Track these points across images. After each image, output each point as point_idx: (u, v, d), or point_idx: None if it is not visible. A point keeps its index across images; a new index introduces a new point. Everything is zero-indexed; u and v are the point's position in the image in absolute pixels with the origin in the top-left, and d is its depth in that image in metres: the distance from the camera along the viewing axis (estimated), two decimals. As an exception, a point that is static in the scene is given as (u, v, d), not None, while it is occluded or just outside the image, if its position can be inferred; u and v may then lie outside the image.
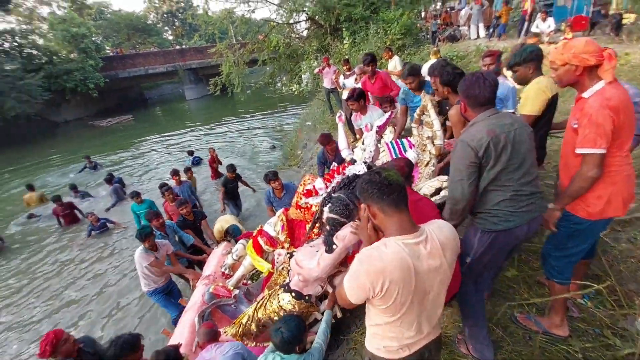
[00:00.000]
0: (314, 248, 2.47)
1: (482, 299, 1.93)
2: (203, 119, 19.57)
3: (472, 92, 1.64)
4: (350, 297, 1.20)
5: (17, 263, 6.26)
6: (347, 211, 2.39)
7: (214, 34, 13.68)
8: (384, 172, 1.20)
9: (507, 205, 1.62)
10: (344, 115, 3.63)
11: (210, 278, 3.42)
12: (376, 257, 1.14)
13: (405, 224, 1.18)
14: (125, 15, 40.38)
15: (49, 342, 2.43)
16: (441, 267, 1.20)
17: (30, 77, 19.64)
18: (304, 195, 2.99)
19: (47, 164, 14.01)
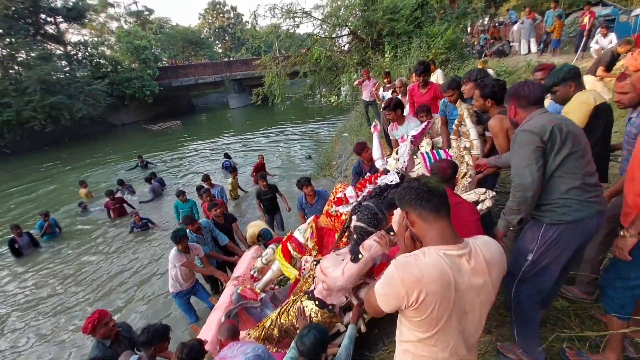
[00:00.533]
0: (340, 256, 2.40)
1: (538, 306, 1.81)
2: (244, 126, 20.45)
3: (523, 92, 1.69)
4: (381, 304, 1.13)
5: (67, 251, 6.82)
6: (375, 220, 2.37)
7: (260, 47, 14.35)
8: (424, 179, 1.16)
9: (577, 194, 1.53)
10: (379, 126, 3.60)
11: (240, 279, 3.47)
12: (413, 265, 1.06)
13: (446, 234, 1.11)
14: (182, 29, 43.84)
15: (93, 320, 2.63)
16: (485, 286, 1.10)
17: (97, 84, 21.90)
18: (335, 203, 3.00)
19: (104, 159, 15.40)
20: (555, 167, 1.55)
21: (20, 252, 6.64)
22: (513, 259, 1.77)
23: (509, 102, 1.77)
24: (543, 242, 1.61)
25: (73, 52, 24.13)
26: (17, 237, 6.62)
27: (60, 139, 20.61)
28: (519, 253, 1.73)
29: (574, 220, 1.54)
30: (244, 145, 15.07)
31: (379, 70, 10.21)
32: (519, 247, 1.75)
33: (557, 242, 1.59)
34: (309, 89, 13.92)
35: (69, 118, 20.02)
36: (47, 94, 19.08)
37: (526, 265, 1.67)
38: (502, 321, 2.17)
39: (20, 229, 6.68)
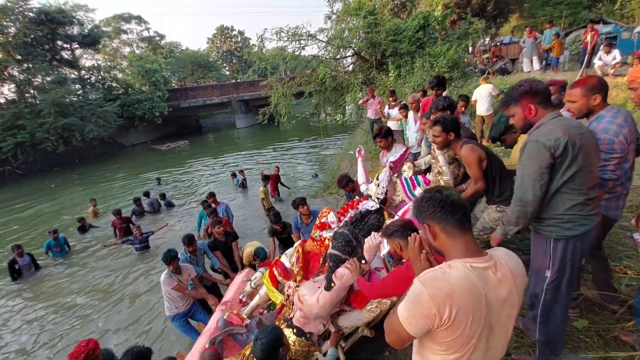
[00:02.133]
0: (317, 284, 2.43)
1: (568, 317, 1.78)
2: (250, 145, 20.68)
3: (539, 86, 1.60)
4: (409, 327, 1.01)
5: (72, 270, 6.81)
6: (349, 248, 2.38)
7: (266, 69, 14.75)
8: (445, 190, 1.10)
9: (580, 209, 1.52)
10: (363, 150, 3.62)
11: (228, 305, 3.42)
12: (441, 279, 0.99)
13: (471, 247, 1.06)
14: (191, 53, 45.38)
15: (87, 350, 2.46)
16: (510, 298, 1.04)
17: (108, 105, 22.52)
18: (319, 227, 3.01)
19: (112, 178, 15.65)
20: (562, 183, 1.51)
21: (20, 272, 6.54)
22: (533, 280, 1.73)
23: (522, 101, 1.61)
24: (556, 257, 1.60)
25: (87, 76, 25.03)
26: (18, 258, 6.56)
27: (71, 159, 21.04)
28: (537, 272, 1.70)
29: (579, 234, 1.55)
30: (251, 163, 15.20)
31: (383, 89, 10.38)
32: (534, 268, 1.73)
33: (567, 255, 1.59)
34: (314, 108, 14.14)
35: (80, 139, 20.51)
36: (61, 116, 19.68)
37: (547, 283, 1.64)
38: (521, 342, 2.08)
39: (21, 249, 6.63)
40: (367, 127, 8.97)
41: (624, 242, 2.72)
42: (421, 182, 3.10)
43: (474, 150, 2.25)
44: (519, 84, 1.65)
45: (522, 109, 1.63)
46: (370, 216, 2.72)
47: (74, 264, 7.05)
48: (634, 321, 1.97)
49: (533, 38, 9.84)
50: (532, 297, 1.76)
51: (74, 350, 2.46)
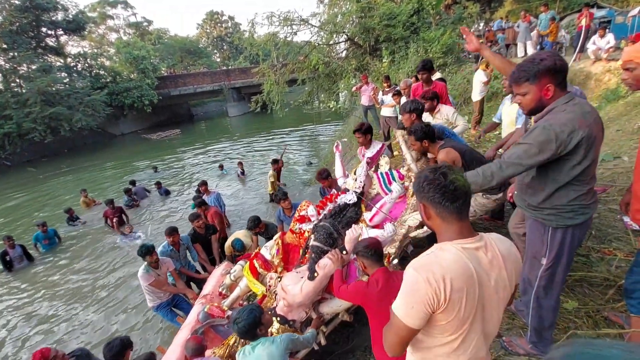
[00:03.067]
0: (300, 274, 2.57)
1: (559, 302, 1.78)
2: (242, 134, 20.44)
3: (563, 64, 1.41)
4: (410, 320, 0.99)
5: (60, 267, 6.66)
6: (331, 240, 2.56)
7: (258, 56, 14.44)
8: (451, 174, 1.03)
9: (583, 199, 1.50)
10: (340, 145, 3.66)
11: (208, 297, 3.45)
12: (435, 263, 0.99)
13: (464, 231, 1.05)
14: (180, 39, 44.23)
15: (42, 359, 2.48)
16: (502, 280, 1.04)
17: (96, 94, 21.97)
18: (298, 221, 3.11)
19: (102, 169, 15.41)
20: (573, 176, 1.45)
21: (11, 264, 6.43)
22: (528, 265, 1.74)
23: (542, 79, 1.41)
24: (553, 245, 1.59)
25: (73, 64, 24.31)
26: (9, 249, 6.44)
27: (59, 149, 20.63)
28: (533, 259, 1.70)
29: (580, 223, 1.53)
30: (245, 152, 15.05)
31: (377, 75, 10.26)
32: (530, 253, 1.72)
33: (564, 244, 1.58)
34: (308, 96, 13.97)
35: (69, 129, 20.07)
36: (47, 105, 19.18)
37: (542, 270, 1.64)
38: (512, 324, 2.12)
39: (12, 240, 6.47)
40: (361, 114, 8.89)
41: (614, 224, 2.75)
42: (396, 177, 3.24)
43: (448, 155, 2.43)
44: (538, 57, 1.43)
45: (538, 89, 1.43)
46: (348, 209, 2.88)
47: (64, 256, 6.97)
48: (623, 302, 2.01)
49: (527, 22, 9.75)
50: (525, 283, 1.76)
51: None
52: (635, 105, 5.35)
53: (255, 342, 2.05)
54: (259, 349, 2.01)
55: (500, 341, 1.97)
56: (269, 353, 1.98)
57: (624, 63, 1.55)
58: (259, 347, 2.01)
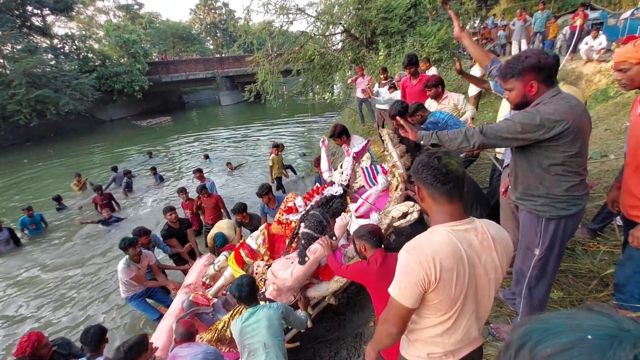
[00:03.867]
0: (290, 260, 2.73)
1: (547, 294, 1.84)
2: (235, 123, 20.21)
3: (546, 61, 1.45)
4: (405, 299, 1.05)
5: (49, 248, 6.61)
6: (321, 227, 2.74)
7: (252, 44, 14.22)
8: (445, 158, 1.08)
9: (575, 190, 1.54)
10: (327, 141, 3.78)
11: (191, 287, 3.50)
12: (425, 245, 1.05)
13: (456, 214, 1.09)
14: (172, 24, 43.13)
15: (30, 343, 2.46)
16: (492, 263, 1.09)
17: (84, 77, 21.35)
18: (285, 211, 3.27)
19: (89, 154, 15.08)
20: (559, 163, 1.48)
21: None
22: (521, 256, 1.78)
23: (525, 76, 1.48)
24: (546, 236, 1.62)
25: (60, 45, 23.50)
26: None
27: (45, 133, 20.09)
28: (526, 249, 1.73)
29: (572, 214, 1.56)
30: (238, 142, 14.91)
31: (372, 68, 10.23)
32: (523, 244, 1.76)
33: (557, 235, 1.61)
34: (302, 87, 13.85)
35: (55, 112, 19.51)
36: (33, 87, 18.56)
37: (534, 260, 1.68)
38: (499, 312, 2.19)
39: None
40: (356, 107, 8.89)
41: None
42: (379, 171, 3.44)
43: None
44: (524, 54, 1.50)
45: (523, 85, 1.50)
46: (334, 201, 3.05)
47: (51, 242, 6.86)
48: (605, 292, 2.10)
49: (523, 20, 9.82)
50: (518, 274, 1.81)
51: (18, 347, 2.47)
52: (624, 106, 5.50)
53: (253, 309, 2.16)
54: (258, 314, 2.12)
55: (487, 328, 2.04)
56: (268, 316, 2.10)
57: (617, 64, 1.56)
58: (257, 313, 2.13)
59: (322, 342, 3.11)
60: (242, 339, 2.11)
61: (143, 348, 2.24)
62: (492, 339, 1.98)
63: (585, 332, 0.40)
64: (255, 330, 2.08)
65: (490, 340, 1.97)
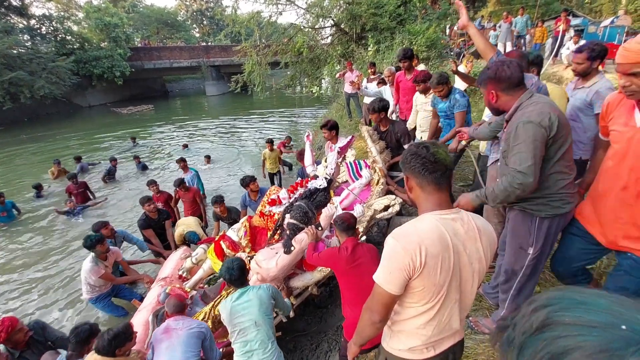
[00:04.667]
0: (274, 250, 2.77)
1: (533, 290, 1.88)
2: (220, 114, 19.82)
3: (503, 73, 1.55)
4: (389, 285, 1.05)
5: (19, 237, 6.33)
6: (306, 218, 2.81)
7: (240, 34, 13.91)
8: (433, 147, 1.09)
9: (569, 188, 1.56)
10: (311, 135, 3.80)
11: (167, 280, 3.44)
12: (412, 232, 1.05)
13: (443, 203, 1.10)
14: (156, 9, 41.68)
15: (4, 328, 2.42)
16: (477, 252, 1.10)
17: (61, 61, 20.38)
18: (269, 203, 3.30)
19: (65, 140, 14.47)
20: (556, 162, 1.50)
21: None
22: (513, 256, 1.77)
23: (487, 86, 1.61)
24: (540, 235, 1.63)
25: (36, 26, 22.30)
26: None
27: (19, 118, 19.12)
28: (519, 249, 1.73)
29: (566, 212, 1.59)
30: (222, 133, 14.63)
31: (361, 63, 10.23)
32: (516, 244, 1.74)
33: (550, 233, 1.64)
34: (290, 80, 13.70)
35: (30, 96, 18.59)
36: (7, 69, 17.61)
37: (528, 259, 1.69)
38: (479, 306, 2.24)
39: None
40: (344, 101, 8.88)
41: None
42: (363, 166, 3.55)
43: None
44: (487, 66, 1.65)
45: (486, 93, 1.64)
46: (318, 193, 3.13)
47: (22, 229, 6.56)
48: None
49: (509, 23, 10.03)
50: (509, 273, 1.80)
51: None
52: (600, 111, 5.70)
53: (243, 289, 2.18)
54: (249, 293, 2.16)
55: (467, 321, 2.08)
56: (259, 296, 2.14)
57: (629, 66, 1.25)
58: (248, 292, 2.16)
59: (303, 335, 3.11)
60: (232, 317, 2.12)
61: (127, 338, 2.19)
62: (470, 332, 2.02)
63: (621, 321, 0.37)
64: (247, 309, 2.11)
65: (468, 333, 2.01)
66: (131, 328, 2.26)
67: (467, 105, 3.17)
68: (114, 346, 2.08)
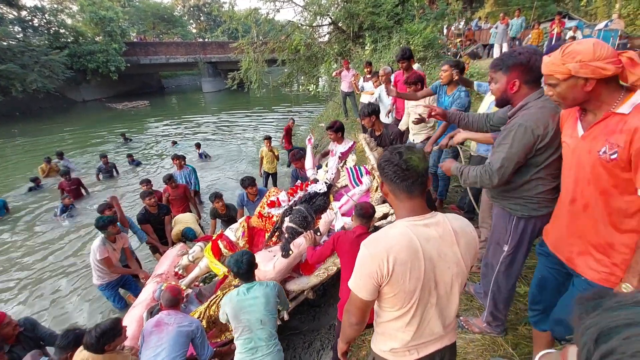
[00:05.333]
0: (272, 253, 2.77)
1: (513, 288, 1.90)
2: (216, 111, 19.71)
3: (535, 63, 1.43)
4: (360, 291, 1.07)
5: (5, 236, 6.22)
6: (305, 222, 2.80)
7: (237, 31, 13.83)
8: (407, 153, 1.07)
9: (549, 193, 1.56)
10: (313, 139, 3.82)
11: (163, 277, 3.42)
12: (381, 239, 1.05)
13: (416, 209, 1.09)
14: (153, 4, 41.21)
15: None
16: (454, 256, 1.07)
17: (54, 54, 20.08)
18: (268, 205, 3.31)
19: (59, 135, 14.27)
20: (541, 168, 1.50)
21: None
22: (492, 251, 1.83)
23: (512, 72, 1.49)
24: (516, 234, 1.67)
25: (28, 18, 21.92)
26: None
27: (10, 112, 18.83)
28: (496, 245, 1.79)
29: (542, 215, 1.59)
30: (218, 130, 14.55)
31: (358, 62, 10.22)
32: (494, 239, 1.81)
33: (526, 233, 1.66)
34: (287, 78, 13.67)
35: (22, 90, 18.32)
36: (-4, 61, 17.33)
37: (503, 256, 1.74)
38: (470, 305, 2.26)
39: None
40: (341, 100, 8.87)
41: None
42: (363, 172, 3.55)
43: None
44: (519, 50, 1.50)
45: (507, 80, 1.52)
46: (317, 197, 3.11)
47: (9, 229, 6.43)
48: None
49: (505, 24, 10.08)
50: (488, 267, 1.87)
51: None
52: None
53: (250, 284, 2.17)
54: (256, 290, 2.14)
55: (457, 320, 2.10)
56: (266, 294, 2.13)
57: (545, 77, 1.30)
58: (255, 289, 2.15)
59: (296, 333, 3.11)
60: (237, 313, 2.10)
61: (117, 333, 2.16)
62: (461, 331, 2.04)
63: None
64: (253, 306, 2.11)
65: (458, 332, 2.02)
66: (120, 323, 2.23)
67: (466, 105, 3.17)
68: (102, 343, 2.05)
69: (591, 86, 1.12)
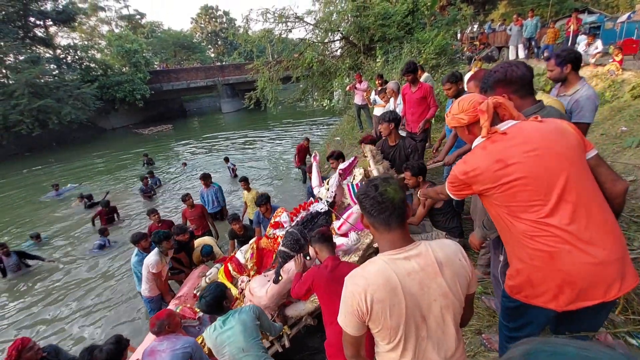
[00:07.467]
0: (267, 278, 2.72)
1: None
2: (235, 130, 20.31)
3: (514, 73, 1.44)
4: (347, 327, 1.07)
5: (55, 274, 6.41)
6: (297, 246, 2.72)
7: (252, 52, 14.37)
8: (382, 186, 1.07)
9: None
10: (318, 156, 3.85)
11: (182, 299, 3.50)
12: (359, 275, 1.05)
13: (396, 241, 1.07)
14: (173, 33, 43.64)
15: (15, 347, 2.57)
16: (439, 288, 1.03)
17: (86, 87, 21.54)
18: (272, 226, 3.30)
19: (92, 162, 15.18)
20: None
21: (4, 272, 5.88)
22: (493, 260, 1.84)
23: (496, 90, 1.51)
24: None
25: (62, 56, 23.80)
26: (4, 257, 5.84)
27: (47, 143, 20.22)
28: (494, 254, 1.80)
29: None
30: (234, 151, 14.97)
31: (370, 74, 10.29)
32: (492, 248, 1.83)
33: None
34: (302, 94, 13.96)
35: (57, 122, 19.67)
36: (35, 97, 18.75)
37: (500, 265, 1.72)
38: (493, 322, 2.17)
39: (6, 248, 5.88)
40: (355, 113, 8.93)
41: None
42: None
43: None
44: (494, 69, 1.54)
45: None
46: (319, 217, 3.06)
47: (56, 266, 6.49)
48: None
49: (519, 26, 9.88)
50: (494, 278, 1.86)
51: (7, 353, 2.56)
52: (619, 110, 5.49)
53: (224, 316, 2.14)
54: (231, 321, 2.10)
55: (479, 338, 2.02)
56: (242, 321, 2.08)
57: (450, 126, 1.45)
58: (230, 320, 2.11)
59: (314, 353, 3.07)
60: (219, 348, 2.10)
61: (120, 352, 2.25)
62: (483, 350, 1.96)
63: None
64: (231, 337, 2.08)
65: (482, 350, 1.95)
66: (123, 340, 2.32)
67: None
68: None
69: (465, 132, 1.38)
